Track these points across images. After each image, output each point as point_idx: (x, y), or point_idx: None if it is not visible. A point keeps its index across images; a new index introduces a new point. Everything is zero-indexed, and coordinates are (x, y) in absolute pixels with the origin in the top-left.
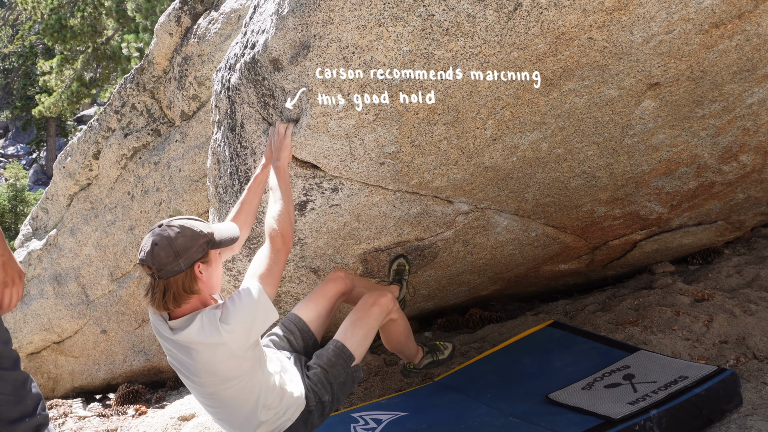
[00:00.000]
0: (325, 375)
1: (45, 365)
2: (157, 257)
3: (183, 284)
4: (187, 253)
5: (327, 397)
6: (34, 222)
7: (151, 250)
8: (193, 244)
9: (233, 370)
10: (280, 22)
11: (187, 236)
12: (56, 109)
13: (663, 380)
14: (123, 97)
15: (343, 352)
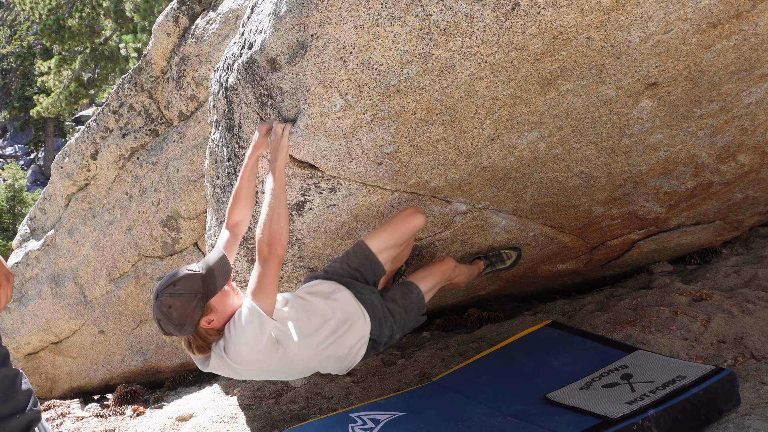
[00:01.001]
0: (405, 317)
1: (43, 366)
2: (166, 328)
3: (200, 339)
4: (187, 320)
5: (397, 336)
6: (32, 222)
7: (159, 324)
8: (188, 311)
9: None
10: (278, 22)
11: (179, 308)
12: (54, 109)
13: (661, 380)
14: (121, 97)
15: (421, 301)
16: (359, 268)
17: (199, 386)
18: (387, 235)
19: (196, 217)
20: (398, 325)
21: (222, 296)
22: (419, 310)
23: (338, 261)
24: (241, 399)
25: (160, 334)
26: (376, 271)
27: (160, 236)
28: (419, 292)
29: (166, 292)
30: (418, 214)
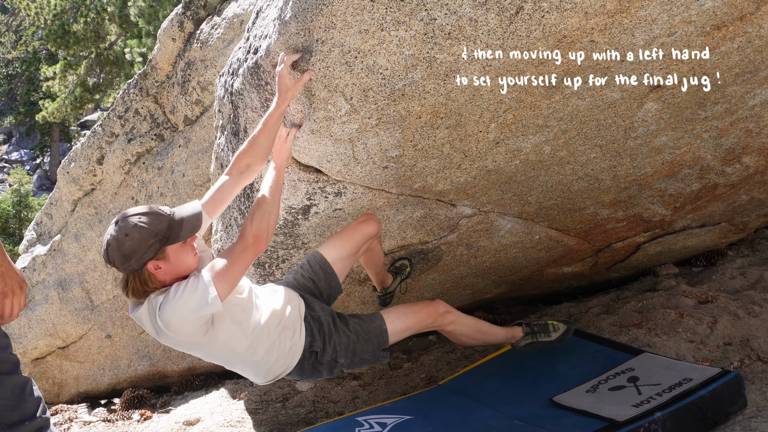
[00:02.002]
0: (357, 345)
1: (50, 370)
2: (112, 257)
3: (140, 279)
4: (137, 255)
5: (343, 360)
6: (38, 227)
7: (106, 249)
8: (141, 246)
9: (190, 339)
10: (283, 27)
11: (135, 239)
12: (60, 114)
13: (667, 382)
14: (126, 102)
15: (383, 336)
16: (313, 278)
17: (206, 390)
18: (340, 243)
19: None
20: (343, 348)
21: (180, 248)
22: (379, 345)
23: (293, 272)
24: (247, 403)
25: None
26: (330, 284)
27: None
28: (382, 324)
29: (130, 220)
30: (370, 221)
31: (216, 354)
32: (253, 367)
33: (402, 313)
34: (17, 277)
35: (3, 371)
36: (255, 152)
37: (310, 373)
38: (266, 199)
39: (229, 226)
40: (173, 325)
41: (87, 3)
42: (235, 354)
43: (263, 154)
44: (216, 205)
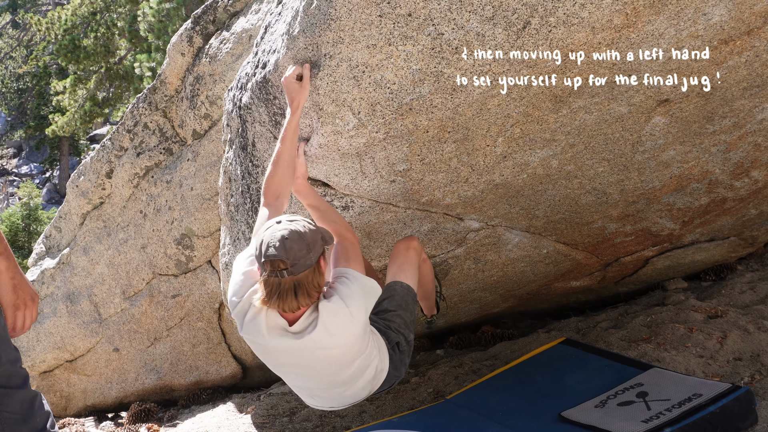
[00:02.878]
0: (405, 315)
1: (57, 384)
2: (291, 250)
3: (313, 280)
4: (316, 247)
5: (411, 335)
6: (47, 241)
7: (282, 244)
8: (318, 238)
9: (359, 351)
10: (291, 42)
11: (313, 230)
12: (69, 128)
13: (677, 398)
14: (135, 116)
15: (409, 291)
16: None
17: (213, 404)
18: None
19: (209, 235)
20: (404, 326)
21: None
22: (414, 301)
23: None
24: (254, 417)
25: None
26: None
27: (174, 254)
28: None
29: (295, 215)
30: (413, 241)
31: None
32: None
33: (404, 268)
34: (29, 290)
35: (13, 385)
36: (281, 171)
37: (400, 364)
38: (326, 215)
39: (237, 239)
40: (360, 314)
41: (97, 18)
42: (365, 364)
43: (291, 170)
44: None
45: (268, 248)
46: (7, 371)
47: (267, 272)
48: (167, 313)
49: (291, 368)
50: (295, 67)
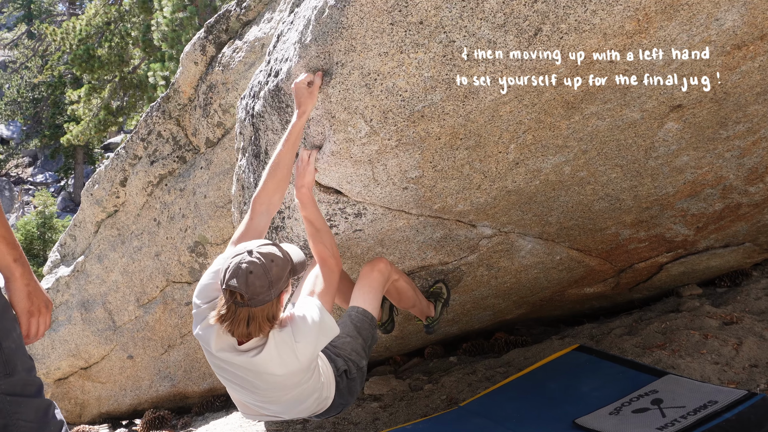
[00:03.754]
0: (356, 342)
1: (72, 391)
2: (252, 286)
3: (268, 313)
4: (278, 284)
5: (364, 362)
6: (62, 249)
7: (246, 278)
8: (283, 274)
9: (299, 382)
10: (303, 50)
11: (279, 266)
12: (84, 137)
13: (692, 405)
14: (149, 124)
15: (366, 315)
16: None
17: (227, 411)
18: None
19: (223, 243)
20: (357, 351)
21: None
22: (372, 326)
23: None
24: (268, 425)
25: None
26: None
27: (188, 262)
28: (360, 311)
29: (269, 247)
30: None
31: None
32: (304, 408)
33: (363, 291)
34: (43, 297)
35: (27, 394)
36: (277, 179)
37: (348, 393)
38: (320, 228)
39: None
40: (308, 351)
41: (111, 28)
42: (305, 394)
43: (286, 176)
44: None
45: (231, 278)
46: (23, 380)
47: (225, 298)
48: (181, 321)
49: (233, 381)
50: (307, 74)
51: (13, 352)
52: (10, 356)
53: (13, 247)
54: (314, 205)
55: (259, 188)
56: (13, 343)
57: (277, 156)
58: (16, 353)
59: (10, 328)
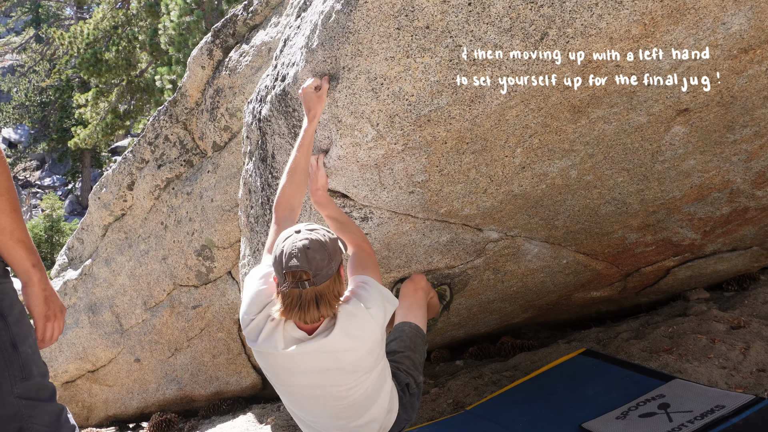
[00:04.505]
0: (414, 356)
1: (79, 394)
2: (313, 260)
3: (334, 290)
4: (336, 256)
5: (421, 377)
6: (69, 252)
7: (305, 254)
8: (337, 246)
9: (376, 361)
10: (310, 55)
11: (332, 239)
12: (91, 140)
13: (699, 409)
14: (156, 129)
15: (419, 331)
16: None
17: (233, 415)
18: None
19: (230, 246)
20: (413, 367)
21: None
22: (423, 341)
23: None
24: (275, 428)
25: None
26: None
27: (195, 265)
28: (412, 326)
29: (311, 224)
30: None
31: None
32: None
33: (413, 309)
34: (58, 302)
35: (42, 398)
36: (296, 184)
37: (410, 407)
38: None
39: (257, 251)
40: (380, 316)
41: (119, 32)
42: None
43: (304, 180)
44: None
45: (291, 258)
46: (38, 384)
47: (288, 283)
48: (188, 324)
49: (296, 386)
50: (314, 79)
51: (30, 357)
52: (27, 360)
53: (31, 252)
54: (332, 203)
55: (279, 195)
56: (29, 348)
57: (293, 161)
58: (32, 358)
59: (26, 333)
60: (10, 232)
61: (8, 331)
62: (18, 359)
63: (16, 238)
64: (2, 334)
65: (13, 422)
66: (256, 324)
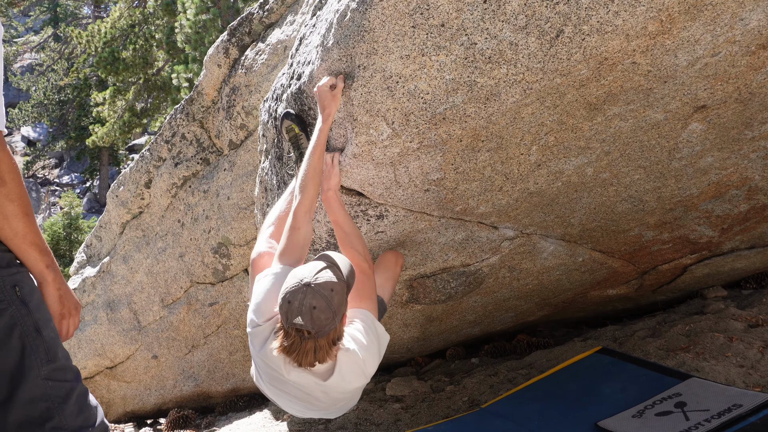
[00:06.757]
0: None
1: (98, 390)
2: (317, 321)
3: (333, 337)
4: (341, 309)
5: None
6: (88, 249)
7: (311, 315)
8: (344, 299)
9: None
10: (325, 53)
11: (339, 292)
12: (109, 138)
13: (716, 408)
14: (173, 127)
15: (382, 305)
16: None
17: (250, 411)
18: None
19: (246, 244)
20: None
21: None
22: (383, 313)
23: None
24: (290, 425)
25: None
26: None
27: (211, 263)
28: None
29: (324, 276)
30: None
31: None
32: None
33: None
34: (73, 300)
35: (68, 379)
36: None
37: None
38: (345, 225)
39: None
40: (374, 367)
41: (136, 30)
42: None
43: (318, 177)
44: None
45: (296, 316)
46: (63, 366)
47: (290, 332)
48: (204, 321)
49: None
50: (329, 78)
51: (53, 340)
52: (51, 344)
53: (45, 254)
54: (341, 207)
55: (299, 198)
56: (52, 332)
57: (307, 169)
58: (56, 341)
59: (48, 318)
60: (23, 236)
61: (31, 317)
62: (43, 343)
63: (30, 241)
64: (26, 320)
65: (41, 403)
66: (260, 332)
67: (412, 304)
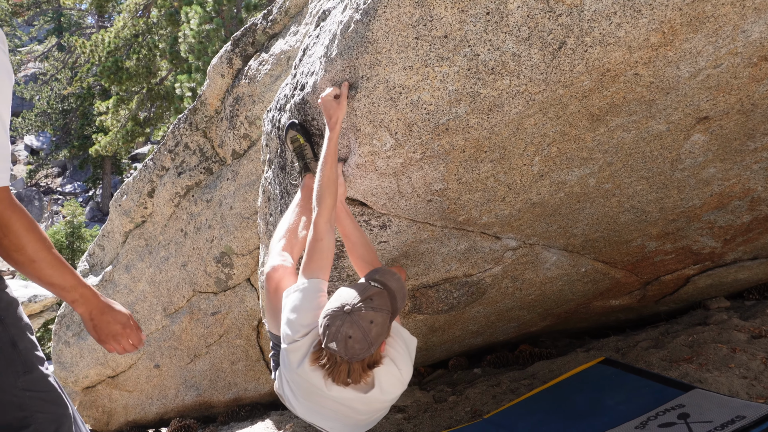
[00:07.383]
0: None
1: (100, 399)
2: (352, 350)
3: (369, 362)
4: (378, 340)
5: None
6: (90, 258)
7: (345, 343)
8: (384, 331)
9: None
10: (329, 64)
11: (379, 324)
12: (112, 147)
13: (719, 420)
14: (176, 136)
15: None
16: None
17: (252, 421)
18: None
19: (248, 254)
20: None
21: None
22: None
23: None
24: None
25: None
26: None
27: (214, 272)
28: None
29: (367, 306)
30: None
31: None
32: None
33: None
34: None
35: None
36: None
37: None
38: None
39: None
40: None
41: (139, 40)
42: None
43: (334, 186)
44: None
45: (331, 341)
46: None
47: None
48: (207, 331)
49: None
50: (333, 88)
51: (29, 352)
52: (27, 356)
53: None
54: (348, 217)
55: (317, 209)
56: (28, 343)
57: (322, 181)
58: (32, 352)
59: (23, 329)
60: (50, 283)
61: (7, 333)
62: (19, 356)
63: (50, 282)
64: (1, 336)
65: (19, 411)
66: (300, 348)
67: (415, 314)
